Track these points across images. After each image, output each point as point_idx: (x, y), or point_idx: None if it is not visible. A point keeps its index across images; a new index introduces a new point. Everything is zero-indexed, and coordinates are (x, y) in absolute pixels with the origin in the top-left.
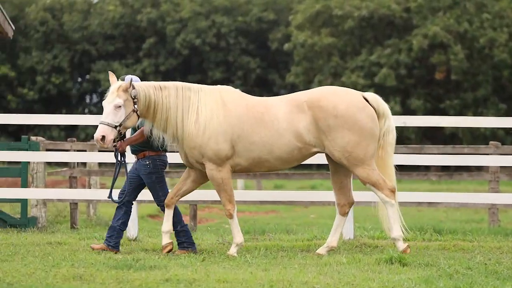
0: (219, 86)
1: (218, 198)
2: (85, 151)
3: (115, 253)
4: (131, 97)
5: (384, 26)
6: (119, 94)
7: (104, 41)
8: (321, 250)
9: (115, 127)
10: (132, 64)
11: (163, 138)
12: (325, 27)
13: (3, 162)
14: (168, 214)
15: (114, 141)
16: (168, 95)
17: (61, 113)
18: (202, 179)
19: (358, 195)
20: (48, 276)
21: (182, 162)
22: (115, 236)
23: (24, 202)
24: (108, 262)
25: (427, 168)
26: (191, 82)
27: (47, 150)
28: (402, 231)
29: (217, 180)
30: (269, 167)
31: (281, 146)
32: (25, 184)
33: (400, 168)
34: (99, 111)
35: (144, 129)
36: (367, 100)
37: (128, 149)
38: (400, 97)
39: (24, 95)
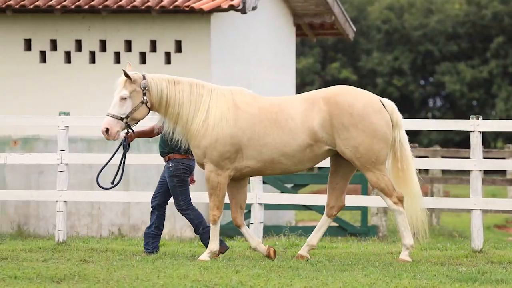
0: (232, 87)
1: None
2: (427, 157)
3: (155, 252)
4: (141, 88)
5: None
6: (126, 85)
7: (447, 41)
8: (302, 251)
9: (121, 119)
10: (478, 65)
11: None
12: None
13: None
14: (245, 231)
15: (127, 133)
16: (181, 90)
17: (403, 117)
18: (243, 181)
19: None
20: (389, 287)
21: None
22: (151, 242)
23: (364, 210)
24: (452, 275)
25: None
26: None
27: None
28: (423, 237)
29: (213, 183)
30: (282, 168)
31: (294, 145)
32: (365, 192)
33: None
34: (443, 115)
35: (156, 126)
36: (383, 105)
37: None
38: None
39: None
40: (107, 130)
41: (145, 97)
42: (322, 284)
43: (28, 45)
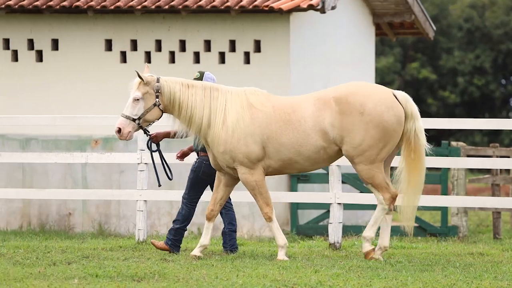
0: (245, 88)
1: None
2: (509, 157)
3: (234, 250)
4: (153, 90)
5: None
6: (139, 87)
7: None
8: (376, 255)
9: (134, 120)
10: None
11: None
12: None
13: None
14: (208, 227)
15: (149, 134)
16: (194, 94)
17: (483, 117)
18: (233, 181)
19: None
20: None
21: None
22: (227, 239)
23: (444, 210)
24: None
25: None
26: None
27: (468, 156)
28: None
29: (251, 183)
30: (299, 168)
31: (308, 146)
32: (445, 191)
33: None
34: None
35: (172, 130)
36: (396, 99)
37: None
38: None
39: (445, 98)
40: (119, 130)
41: (157, 99)
42: (401, 285)
43: (109, 45)
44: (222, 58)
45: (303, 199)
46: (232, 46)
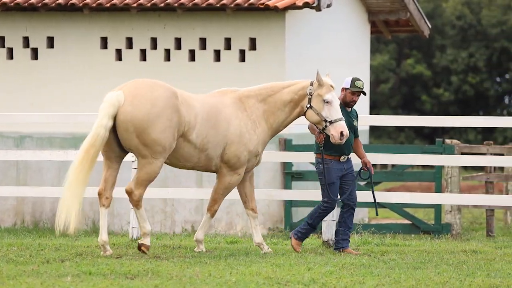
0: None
1: None
2: (503, 154)
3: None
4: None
5: None
6: None
7: None
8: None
9: None
10: None
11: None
12: None
13: (417, 166)
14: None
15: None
16: None
17: (477, 115)
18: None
19: None
20: (462, 285)
21: None
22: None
23: (437, 208)
24: None
25: None
26: None
27: (462, 153)
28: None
29: None
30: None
31: None
32: (439, 189)
33: None
34: None
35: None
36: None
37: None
38: None
39: (439, 96)
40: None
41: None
42: (394, 282)
43: (104, 43)
44: (217, 56)
45: (297, 196)
46: (228, 44)
